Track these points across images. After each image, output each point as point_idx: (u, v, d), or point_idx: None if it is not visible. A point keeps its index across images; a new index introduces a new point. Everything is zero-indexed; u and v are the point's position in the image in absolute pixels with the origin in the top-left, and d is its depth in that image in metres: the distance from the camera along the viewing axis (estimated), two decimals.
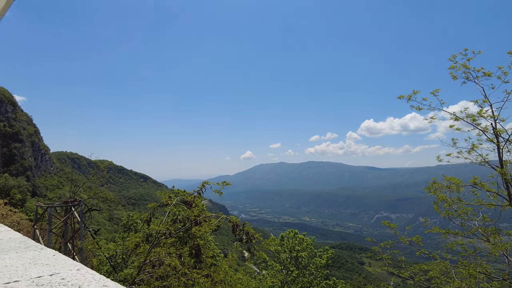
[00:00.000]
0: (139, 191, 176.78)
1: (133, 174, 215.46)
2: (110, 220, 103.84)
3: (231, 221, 6.15)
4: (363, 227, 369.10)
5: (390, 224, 11.92)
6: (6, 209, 23.09)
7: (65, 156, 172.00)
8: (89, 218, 10.67)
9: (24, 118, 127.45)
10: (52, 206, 9.22)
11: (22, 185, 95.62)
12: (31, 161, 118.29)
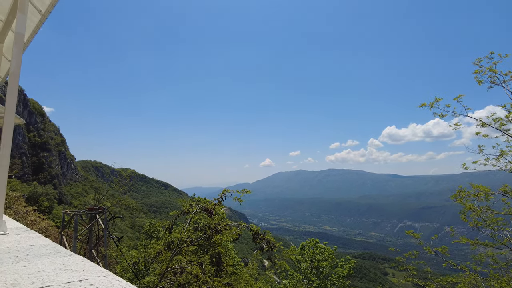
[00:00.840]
0: (160, 199, 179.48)
1: (155, 182, 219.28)
2: (132, 228, 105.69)
3: (251, 230, 6.14)
4: (386, 237, 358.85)
5: (415, 233, 11.56)
6: (35, 216, 24.01)
7: (89, 165, 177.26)
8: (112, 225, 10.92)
9: (52, 128, 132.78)
10: (78, 214, 9.53)
11: (49, 192, 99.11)
12: (58, 170, 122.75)
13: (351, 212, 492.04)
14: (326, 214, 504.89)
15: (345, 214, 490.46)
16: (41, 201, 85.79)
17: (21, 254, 2.65)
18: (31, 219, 22.71)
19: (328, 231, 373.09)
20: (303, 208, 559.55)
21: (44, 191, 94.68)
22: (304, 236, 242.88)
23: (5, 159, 3.65)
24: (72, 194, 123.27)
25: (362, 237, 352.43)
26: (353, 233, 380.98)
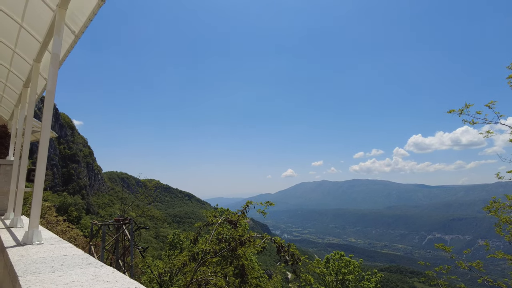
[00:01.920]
0: (183, 209, 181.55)
1: (178, 192, 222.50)
2: (156, 238, 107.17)
3: (276, 242, 6.10)
4: (414, 249, 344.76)
5: (445, 247, 11.08)
6: (65, 226, 24.90)
7: (115, 176, 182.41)
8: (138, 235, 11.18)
9: (80, 141, 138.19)
10: (106, 224, 9.86)
11: (78, 203, 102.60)
12: (86, 181, 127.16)
13: (377, 223, 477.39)
14: (351, 225, 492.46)
15: (370, 225, 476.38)
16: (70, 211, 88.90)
17: (56, 264, 2.76)
18: (62, 229, 23.56)
19: (353, 243, 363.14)
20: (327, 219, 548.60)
21: (73, 201, 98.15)
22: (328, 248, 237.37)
23: (41, 172, 3.84)
24: (99, 204, 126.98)
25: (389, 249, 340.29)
26: (379, 245, 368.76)
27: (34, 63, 5.85)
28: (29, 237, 3.73)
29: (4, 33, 6.01)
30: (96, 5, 3.94)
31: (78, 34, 4.67)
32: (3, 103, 9.61)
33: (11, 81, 7.76)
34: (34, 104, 6.27)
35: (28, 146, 5.92)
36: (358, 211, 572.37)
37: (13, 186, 7.14)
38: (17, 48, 6.21)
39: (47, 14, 4.70)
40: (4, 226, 5.61)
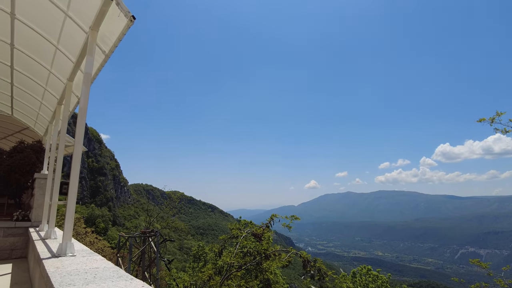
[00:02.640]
0: (207, 221, 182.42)
1: (202, 204, 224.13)
2: (180, 249, 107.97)
3: (301, 257, 6.01)
4: (445, 264, 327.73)
5: (481, 262, 10.49)
6: (93, 237, 25.61)
7: (141, 188, 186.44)
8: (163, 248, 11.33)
9: (107, 154, 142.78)
10: (133, 237, 10.09)
11: (105, 214, 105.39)
12: (113, 193, 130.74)
13: (405, 236, 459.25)
14: (378, 238, 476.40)
15: (398, 238, 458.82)
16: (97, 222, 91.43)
17: (89, 276, 2.85)
18: (90, 240, 24.23)
19: (380, 256, 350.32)
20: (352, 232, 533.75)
21: (100, 213, 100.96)
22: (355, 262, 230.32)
23: (74, 186, 4.00)
24: (125, 216, 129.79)
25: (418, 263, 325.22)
26: (408, 259, 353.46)
27: (68, 82, 6.17)
28: (63, 249, 3.87)
29: (42, 55, 6.40)
30: (126, 25, 4.12)
31: (108, 54, 4.90)
32: (39, 120, 10.15)
33: (46, 99, 8.20)
34: (67, 121, 6.57)
35: (61, 160, 6.19)
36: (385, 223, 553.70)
37: (47, 198, 7.46)
38: (53, 68, 6.58)
39: (80, 36, 4.97)
40: (40, 238, 5.85)
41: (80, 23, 4.76)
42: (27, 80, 7.79)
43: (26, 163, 9.22)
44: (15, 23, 5.65)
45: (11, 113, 10.97)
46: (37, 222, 8.42)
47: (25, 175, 9.23)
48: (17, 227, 8.23)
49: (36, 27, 5.59)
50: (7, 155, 9.46)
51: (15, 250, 8.11)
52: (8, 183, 9.13)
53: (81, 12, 4.59)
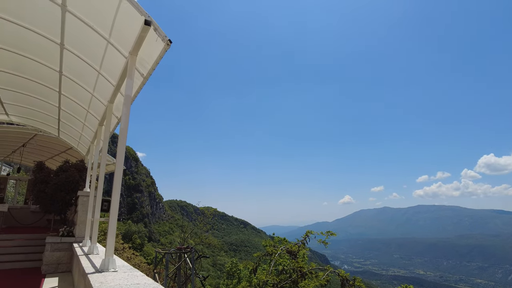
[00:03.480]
0: (239, 237, 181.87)
1: (234, 220, 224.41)
2: (214, 266, 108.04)
3: (340, 275, 5.81)
4: (497, 285, 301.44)
5: None
6: (130, 253, 26.31)
7: (175, 204, 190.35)
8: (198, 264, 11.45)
9: (143, 171, 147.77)
10: (169, 253, 10.30)
11: (141, 230, 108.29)
12: (148, 209, 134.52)
13: (448, 254, 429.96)
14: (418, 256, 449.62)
15: (441, 256, 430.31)
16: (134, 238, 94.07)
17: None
18: (127, 256, 24.91)
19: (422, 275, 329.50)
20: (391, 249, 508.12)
21: (137, 229, 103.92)
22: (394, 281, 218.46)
23: (115, 203, 4.17)
24: (160, 232, 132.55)
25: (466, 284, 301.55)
26: (453, 279, 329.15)
27: (108, 104, 6.55)
28: (106, 264, 4.02)
29: (86, 80, 6.86)
30: (163, 49, 4.34)
31: (146, 76, 5.16)
32: (81, 140, 10.78)
33: (89, 120, 8.72)
34: (108, 140, 6.92)
35: (102, 178, 6.50)
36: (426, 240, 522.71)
37: (89, 215, 7.82)
38: (95, 92, 7.03)
39: (120, 61, 5.29)
40: (83, 253, 6.12)
41: (121, 49, 5.08)
42: (72, 103, 8.35)
43: (70, 181, 9.77)
44: (63, 53, 6.14)
45: (58, 135, 11.75)
46: (80, 237, 8.81)
47: (70, 193, 9.76)
48: (62, 242, 8.66)
49: (82, 55, 6.03)
50: (54, 174, 10.08)
51: (61, 264, 8.52)
52: (55, 200, 9.69)
53: (121, 38, 4.91)
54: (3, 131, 12.99)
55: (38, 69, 7.22)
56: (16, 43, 6.42)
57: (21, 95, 9.01)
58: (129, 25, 4.44)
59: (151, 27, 4.07)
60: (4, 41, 6.45)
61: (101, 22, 4.90)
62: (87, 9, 4.86)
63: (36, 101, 9.20)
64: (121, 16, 4.47)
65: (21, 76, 7.77)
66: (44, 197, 9.63)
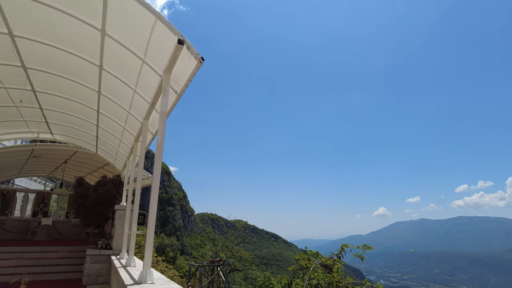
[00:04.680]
0: (270, 251, 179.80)
1: (265, 233, 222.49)
2: (245, 280, 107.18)
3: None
4: None
5: None
6: (163, 265, 26.78)
7: (206, 217, 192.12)
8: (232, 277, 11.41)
9: (175, 185, 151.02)
10: (202, 266, 10.37)
11: (173, 244, 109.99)
12: (180, 222, 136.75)
13: (496, 269, 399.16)
14: (461, 271, 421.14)
15: (487, 272, 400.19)
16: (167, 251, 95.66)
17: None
18: (161, 269, 25.34)
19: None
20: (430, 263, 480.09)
21: (169, 242, 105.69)
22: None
23: (152, 216, 4.30)
24: (192, 245, 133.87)
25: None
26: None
27: (144, 121, 6.82)
28: (144, 276, 4.12)
29: (122, 98, 7.22)
30: (195, 67, 4.51)
31: (180, 93, 5.35)
32: (118, 156, 11.26)
33: (125, 137, 9.11)
34: (144, 156, 7.18)
35: (139, 193, 6.73)
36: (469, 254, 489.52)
37: (126, 228, 8.09)
38: (131, 109, 7.36)
39: (155, 79, 5.53)
40: (121, 265, 6.31)
41: (155, 67, 5.32)
42: (110, 121, 8.79)
43: (108, 196, 10.19)
44: (102, 73, 6.52)
45: (96, 151, 12.35)
46: (118, 250, 9.11)
47: (108, 207, 10.17)
48: (101, 254, 8.99)
49: (119, 75, 6.38)
50: (93, 188, 10.56)
51: (100, 276, 8.82)
52: (94, 214, 10.12)
53: (156, 58, 5.14)
54: (48, 149, 13.87)
55: (79, 90, 7.70)
56: (60, 66, 6.90)
57: (64, 115, 9.62)
58: (163, 45, 4.65)
59: (184, 46, 4.23)
60: (50, 66, 6.96)
61: (137, 43, 5.17)
62: (124, 31, 5.16)
63: (77, 120, 9.77)
64: (156, 37, 4.70)
65: (65, 97, 8.32)
66: (84, 210, 10.09)
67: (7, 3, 5.04)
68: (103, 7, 4.68)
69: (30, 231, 14.72)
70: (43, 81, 7.63)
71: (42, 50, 6.28)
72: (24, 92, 8.00)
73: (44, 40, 5.99)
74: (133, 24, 4.91)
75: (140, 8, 4.30)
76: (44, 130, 11.18)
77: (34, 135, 11.62)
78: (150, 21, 4.42)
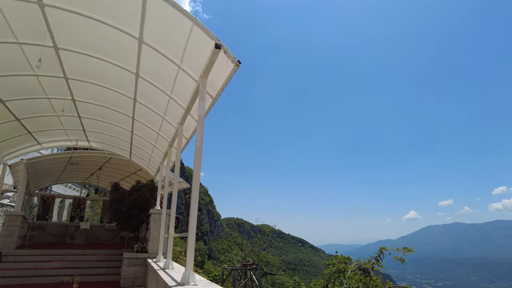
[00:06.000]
0: (297, 256, 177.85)
1: (291, 238, 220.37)
2: (273, 285, 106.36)
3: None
4: None
5: None
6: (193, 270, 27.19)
7: (232, 222, 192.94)
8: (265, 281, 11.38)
9: (202, 190, 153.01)
10: (235, 269, 10.44)
11: (201, 248, 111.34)
12: (207, 227, 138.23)
13: None
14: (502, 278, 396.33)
15: None
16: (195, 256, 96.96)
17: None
18: None
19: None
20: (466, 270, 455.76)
21: (197, 246, 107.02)
22: None
23: (194, 219, 4.37)
24: (219, 250, 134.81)
25: None
26: None
27: (179, 126, 6.95)
28: (186, 278, 4.18)
29: (157, 105, 7.42)
30: (232, 70, 4.55)
31: (215, 97, 5.42)
32: (151, 162, 11.55)
33: (159, 142, 9.34)
34: (179, 160, 7.33)
35: (176, 196, 6.86)
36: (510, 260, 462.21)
37: (162, 232, 8.26)
38: (166, 115, 7.54)
39: (191, 84, 5.63)
40: (160, 268, 6.43)
41: (191, 73, 5.42)
42: (144, 127, 9.04)
43: (143, 200, 10.46)
44: (138, 81, 6.73)
45: (130, 157, 12.74)
46: (153, 253, 9.31)
47: (142, 211, 10.44)
48: (137, 258, 9.22)
49: (154, 82, 6.56)
50: (128, 193, 10.89)
51: (137, 279, 9.04)
52: (130, 218, 10.42)
53: (192, 63, 5.24)
54: (84, 156, 14.47)
55: (115, 98, 7.98)
56: (99, 76, 7.20)
57: (100, 122, 10.01)
58: (200, 50, 4.73)
59: (221, 50, 4.29)
60: (89, 75, 7.27)
61: (173, 49, 5.30)
62: (161, 39, 5.30)
63: (112, 127, 10.14)
64: (192, 42, 4.79)
65: (102, 105, 8.66)
66: (121, 215, 10.41)
67: (53, 17, 5.32)
68: (141, 16, 4.83)
69: (69, 235, 15.36)
70: (82, 90, 7.98)
71: (81, 61, 6.58)
72: (65, 101, 8.41)
73: (84, 51, 6.28)
74: (170, 31, 5.03)
75: (177, 14, 4.40)
76: (82, 137, 11.68)
77: (72, 143, 12.16)
78: (187, 27, 4.51)
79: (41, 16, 5.28)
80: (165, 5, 4.37)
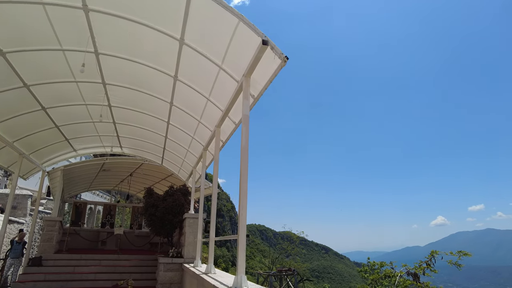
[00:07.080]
0: (321, 263, 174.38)
1: (314, 245, 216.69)
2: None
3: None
4: None
5: None
6: None
7: (254, 228, 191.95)
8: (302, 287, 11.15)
9: (224, 197, 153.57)
10: (271, 275, 10.28)
11: (225, 255, 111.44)
12: (230, 234, 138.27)
13: None
14: None
15: None
16: (219, 262, 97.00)
17: None
18: None
19: None
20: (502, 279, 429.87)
21: (221, 253, 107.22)
22: None
23: (243, 220, 4.22)
24: None
25: None
26: None
27: (216, 128, 6.86)
28: (239, 282, 4.03)
29: (194, 108, 7.37)
30: (278, 66, 4.39)
31: (257, 97, 5.27)
32: (183, 167, 11.57)
33: (193, 146, 9.31)
34: (218, 163, 7.21)
35: (215, 200, 6.77)
36: None
37: (199, 236, 8.18)
38: (202, 118, 7.48)
39: (231, 85, 5.52)
40: (201, 273, 6.32)
41: (232, 73, 5.31)
42: (179, 132, 9.04)
43: (177, 205, 10.47)
44: (176, 84, 6.70)
45: (161, 163, 12.82)
46: (189, 258, 9.24)
47: (176, 216, 10.44)
48: (173, 263, 9.19)
49: (193, 84, 6.50)
50: (162, 198, 10.94)
51: (173, 284, 9.00)
52: (164, 223, 10.44)
53: (234, 63, 5.11)
54: (117, 162, 14.73)
55: (151, 102, 8.02)
56: (136, 80, 7.23)
57: (134, 128, 10.10)
58: (244, 48, 4.58)
59: (268, 47, 4.15)
60: (127, 80, 7.32)
61: (215, 49, 5.19)
62: (203, 39, 5.19)
63: (146, 133, 10.21)
64: (236, 40, 4.66)
65: (136, 110, 8.72)
66: (155, 220, 10.45)
67: (96, 22, 5.37)
68: (184, 15, 4.73)
69: (100, 241, 15.65)
70: (118, 96, 8.04)
71: (120, 65, 6.60)
72: (102, 107, 8.53)
73: (123, 55, 6.28)
74: (213, 30, 4.91)
75: (222, 11, 4.24)
76: (115, 144, 11.86)
77: (106, 149, 12.39)
78: (231, 25, 4.39)
79: (85, 21, 5.32)
80: (209, 2, 4.23)
